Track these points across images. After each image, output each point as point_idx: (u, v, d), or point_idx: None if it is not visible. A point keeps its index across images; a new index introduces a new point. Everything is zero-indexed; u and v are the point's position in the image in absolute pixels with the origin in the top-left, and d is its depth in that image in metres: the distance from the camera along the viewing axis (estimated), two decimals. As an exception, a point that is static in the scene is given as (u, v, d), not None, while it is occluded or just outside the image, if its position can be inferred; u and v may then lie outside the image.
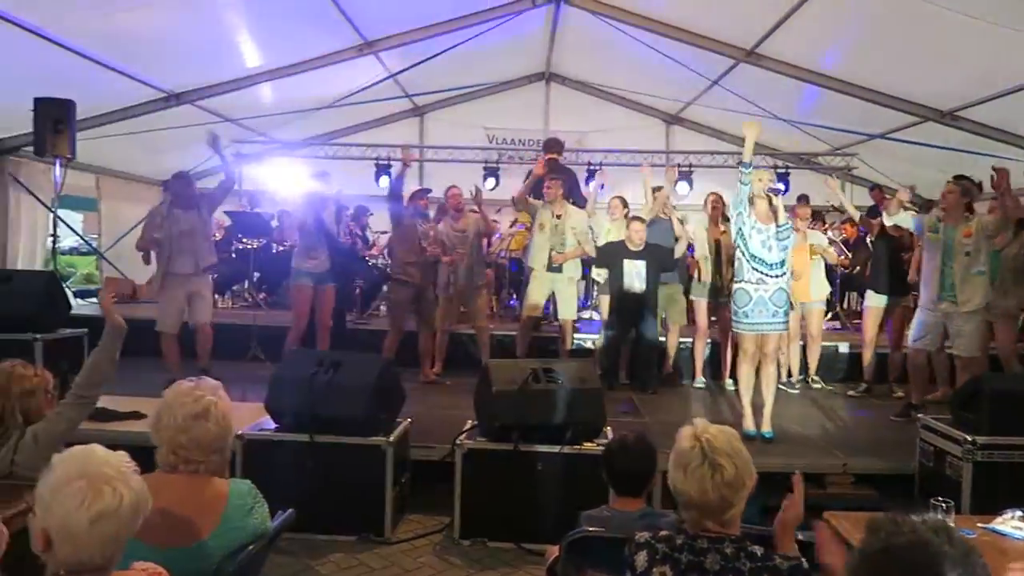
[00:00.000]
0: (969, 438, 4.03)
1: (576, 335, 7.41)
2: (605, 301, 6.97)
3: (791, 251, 5.06)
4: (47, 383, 2.81)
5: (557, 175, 7.13)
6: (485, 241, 9.42)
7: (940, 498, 2.32)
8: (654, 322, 6.53)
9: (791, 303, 5.15)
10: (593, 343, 7.18)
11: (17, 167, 8.45)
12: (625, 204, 7.42)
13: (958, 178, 5.81)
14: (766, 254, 4.88)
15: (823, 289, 7.04)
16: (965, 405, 4.27)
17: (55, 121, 6.67)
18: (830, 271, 7.67)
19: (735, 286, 5.02)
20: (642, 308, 6.42)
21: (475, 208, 7.01)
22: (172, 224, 5.86)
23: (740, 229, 4.93)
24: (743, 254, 4.94)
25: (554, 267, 6.66)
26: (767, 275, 4.87)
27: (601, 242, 6.96)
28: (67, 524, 1.54)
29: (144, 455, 2.06)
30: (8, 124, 7.71)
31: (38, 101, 6.64)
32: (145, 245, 5.99)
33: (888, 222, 5.91)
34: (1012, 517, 2.55)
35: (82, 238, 11.65)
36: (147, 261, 6.16)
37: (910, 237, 6.68)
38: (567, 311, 6.84)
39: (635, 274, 6.35)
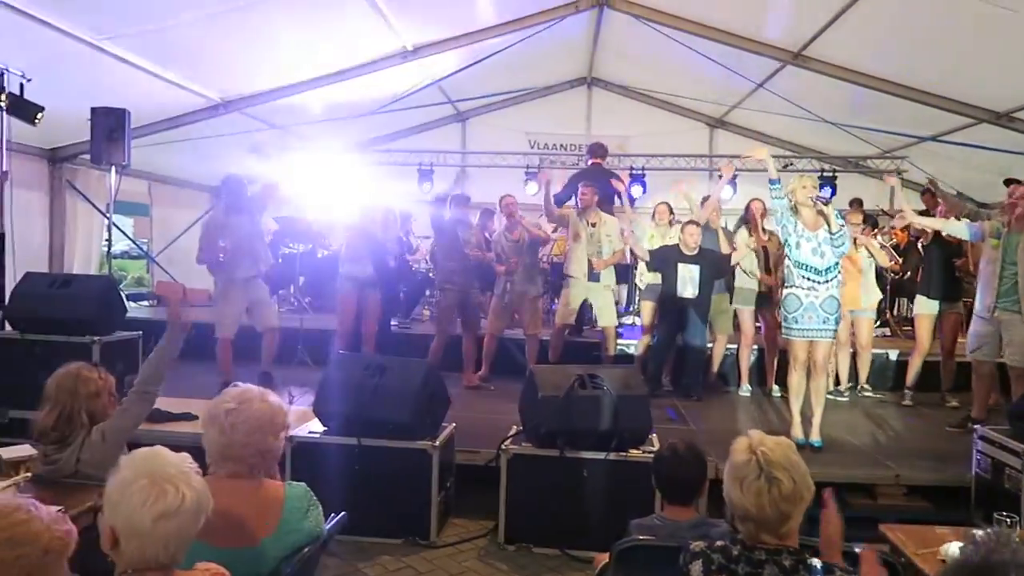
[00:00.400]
0: (1029, 450, 3.90)
1: (620, 341, 7.39)
2: (647, 307, 6.93)
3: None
4: (111, 386, 2.89)
5: (600, 180, 7.13)
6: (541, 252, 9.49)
7: (1004, 512, 2.25)
8: (703, 328, 6.47)
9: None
10: (635, 349, 7.13)
11: (74, 174, 8.72)
12: (671, 210, 7.37)
13: (1012, 182, 5.69)
14: (817, 261, 4.80)
15: (873, 296, 6.85)
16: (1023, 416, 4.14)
17: (110, 130, 6.84)
18: (880, 276, 7.49)
19: (785, 292, 4.95)
20: (691, 314, 6.36)
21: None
22: (231, 230, 5.90)
23: (787, 240, 4.88)
24: (791, 262, 4.88)
25: (594, 275, 6.63)
26: (818, 282, 4.79)
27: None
28: (132, 522, 1.58)
29: (199, 455, 2.11)
30: (66, 133, 7.96)
31: (94, 111, 6.83)
32: (210, 257, 5.89)
33: (944, 231, 5.85)
34: (1080, 533, 2.46)
35: (134, 242, 11.96)
36: (213, 270, 6.09)
37: (963, 241, 6.52)
38: (608, 318, 6.81)
39: (688, 279, 6.30)
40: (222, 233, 5.90)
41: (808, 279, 4.80)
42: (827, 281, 4.82)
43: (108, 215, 8.05)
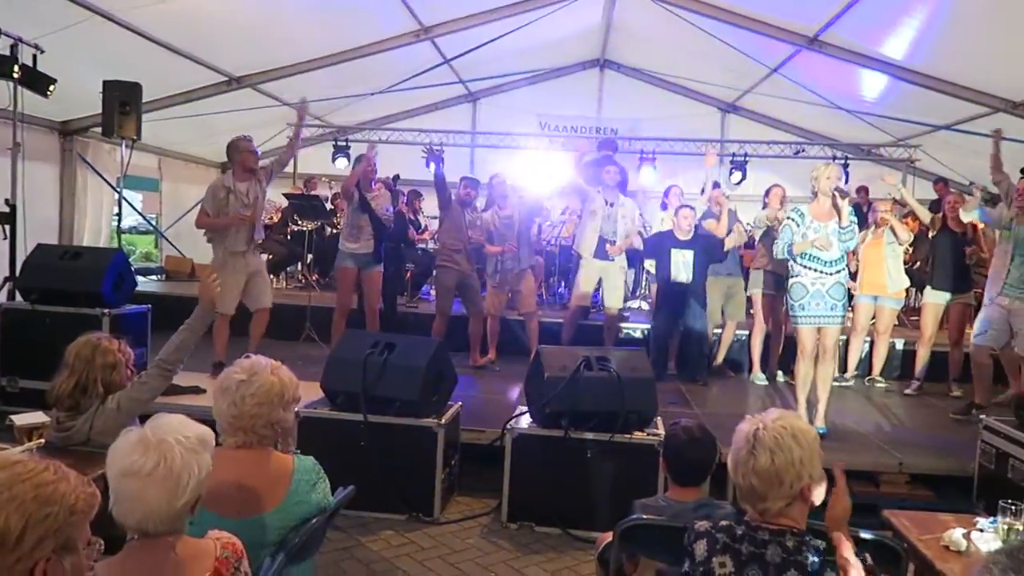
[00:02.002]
0: (1034, 441, 3.90)
1: (625, 324, 7.40)
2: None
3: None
4: (129, 358, 2.91)
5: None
6: (535, 227, 9.46)
7: (1010, 500, 2.26)
8: (702, 313, 6.44)
9: (851, 295, 5.03)
10: (643, 333, 7.13)
11: (84, 147, 8.75)
12: (681, 194, 7.36)
13: None
14: (822, 252, 4.77)
15: (900, 282, 6.59)
16: (1031, 407, 4.14)
17: (122, 103, 6.84)
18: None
19: (791, 281, 4.93)
20: (689, 298, 6.34)
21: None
22: (237, 197, 5.54)
23: (790, 230, 4.84)
24: (800, 255, 4.85)
25: (602, 253, 6.61)
26: (823, 272, 4.78)
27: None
28: (117, 486, 1.61)
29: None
30: (78, 106, 7.98)
31: (106, 84, 6.83)
32: (228, 223, 5.49)
33: (965, 218, 5.91)
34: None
35: (144, 217, 12.01)
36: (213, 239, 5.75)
37: (973, 231, 6.49)
38: (613, 300, 6.80)
39: (682, 263, 6.27)
40: (227, 200, 5.53)
41: (813, 269, 4.79)
42: (834, 272, 4.80)
43: (118, 189, 8.08)
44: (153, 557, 1.63)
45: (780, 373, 6.83)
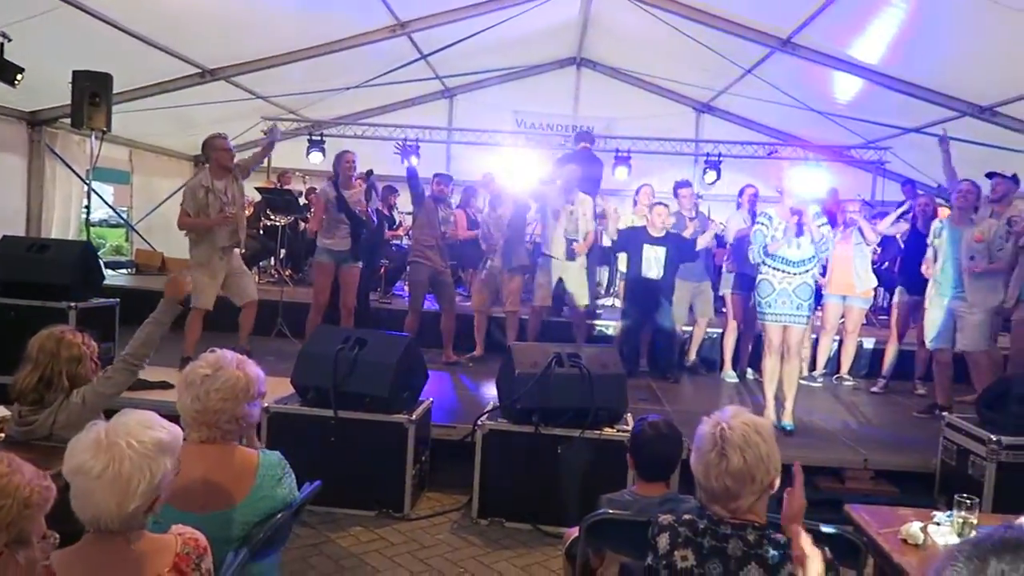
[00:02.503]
0: (994, 438, 3.99)
1: (598, 322, 7.43)
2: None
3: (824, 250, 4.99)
4: (94, 351, 2.88)
5: (585, 164, 7.14)
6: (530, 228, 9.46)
7: (965, 495, 2.31)
8: (670, 310, 6.47)
9: (819, 295, 5.11)
10: (614, 330, 7.17)
11: (53, 138, 8.60)
12: (652, 194, 7.39)
13: (994, 175, 5.86)
14: (792, 252, 4.83)
15: (868, 282, 6.71)
16: (992, 404, 4.23)
17: (92, 94, 6.74)
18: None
19: (759, 278, 5.00)
20: (658, 296, 6.37)
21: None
22: (216, 196, 5.54)
23: (764, 236, 4.89)
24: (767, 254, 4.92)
25: (571, 254, 6.64)
26: (790, 272, 4.85)
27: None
28: (71, 481, 1.59)
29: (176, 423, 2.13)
30: (47, 96, 7.84)
31: (76, 74, 6.71)
32: (213, 223, 5.50)
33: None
34: (1035, 517, 2.53)
35: (114, 210, 11.85)
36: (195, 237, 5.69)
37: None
38: (581, 297, 6.83)
39: (653, 259, 6.30)
40: (206, 199, 5.51)
41: (780, 269, 4.85)
42: (801, 273, 4.86)
43: (87, 181, 7.96)
44: (108, 551, 1.61)
45: (750, 370, 6.92)
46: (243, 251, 6.52)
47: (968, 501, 2.29)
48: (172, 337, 5.85)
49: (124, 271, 10.08)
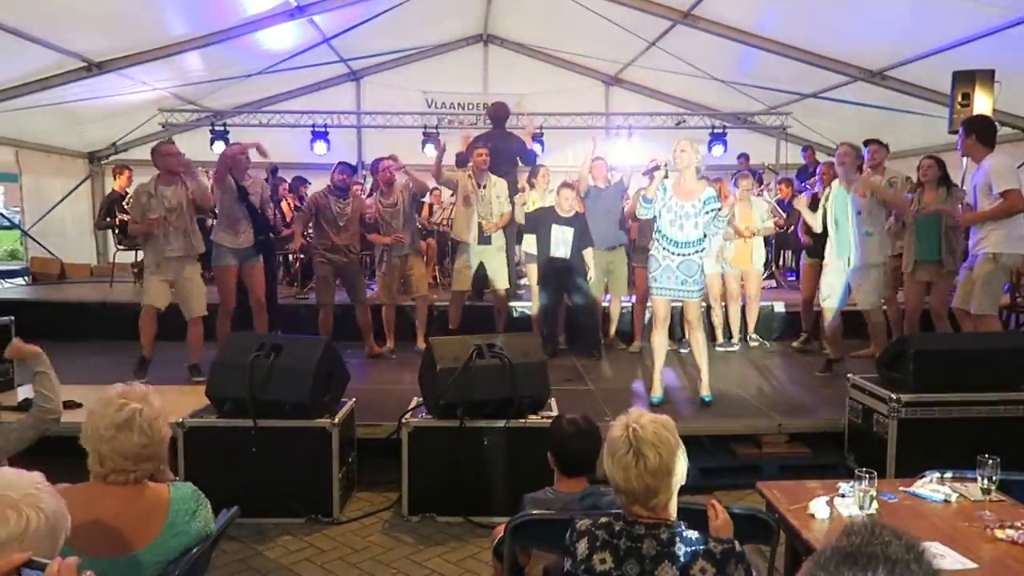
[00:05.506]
0: (894, 396, 4.20)
1: (517, 304, 7.48)
2: (532, 270, 6.90)
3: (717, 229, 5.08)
4: None
5: (500, 141, 7.11)
6: (426, 209, 9.35)
7: (865, 469, 2.43)
8: (586, 287, 6.54)
9: (709, 270, 5.26)
10: (532, 311, 7.22)
11: (-72, 142, 8.02)
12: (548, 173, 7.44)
13: (871, 142, 6.26)
14: (676, 233, 4.84)
15: (762, 256, 7.28)
16: (891, 364, 4.46)
17: (-34, 95, 6.30)
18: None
19: (649, 253, 5.08)
20: (571, 274, 6.43)
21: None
22: (159, 201, 5.51)
23: (653, 203, 4.92)
24: (655, 230, 4.99)
25: (484, 238, 6.64)
26: (673, 252, 4.87)
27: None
28: None
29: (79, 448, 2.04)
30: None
31: (-54, 73, 6.26)
32: (144, 228, 5.54)
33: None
34: (931, 480, 2.69)
35: (2, 215, 11.17)
36: (138, 246, 5.73)
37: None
38: (501, 281, 6.85)
39: (562, 240, 6.33)
40: (149, 204, 5.51)
41: (664, 248, 4.90)
42: (686, 255, 4.87)
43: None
44: None
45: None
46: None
47: (868, 474, 2.40)
48: (74, 350, 5.62)
49: (20, 280, 9.53)
